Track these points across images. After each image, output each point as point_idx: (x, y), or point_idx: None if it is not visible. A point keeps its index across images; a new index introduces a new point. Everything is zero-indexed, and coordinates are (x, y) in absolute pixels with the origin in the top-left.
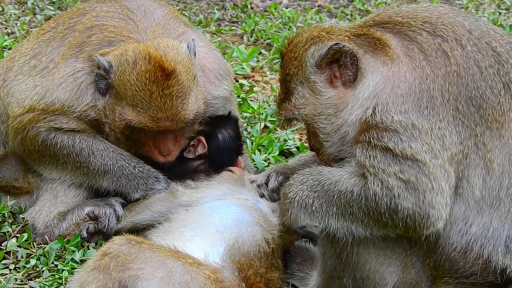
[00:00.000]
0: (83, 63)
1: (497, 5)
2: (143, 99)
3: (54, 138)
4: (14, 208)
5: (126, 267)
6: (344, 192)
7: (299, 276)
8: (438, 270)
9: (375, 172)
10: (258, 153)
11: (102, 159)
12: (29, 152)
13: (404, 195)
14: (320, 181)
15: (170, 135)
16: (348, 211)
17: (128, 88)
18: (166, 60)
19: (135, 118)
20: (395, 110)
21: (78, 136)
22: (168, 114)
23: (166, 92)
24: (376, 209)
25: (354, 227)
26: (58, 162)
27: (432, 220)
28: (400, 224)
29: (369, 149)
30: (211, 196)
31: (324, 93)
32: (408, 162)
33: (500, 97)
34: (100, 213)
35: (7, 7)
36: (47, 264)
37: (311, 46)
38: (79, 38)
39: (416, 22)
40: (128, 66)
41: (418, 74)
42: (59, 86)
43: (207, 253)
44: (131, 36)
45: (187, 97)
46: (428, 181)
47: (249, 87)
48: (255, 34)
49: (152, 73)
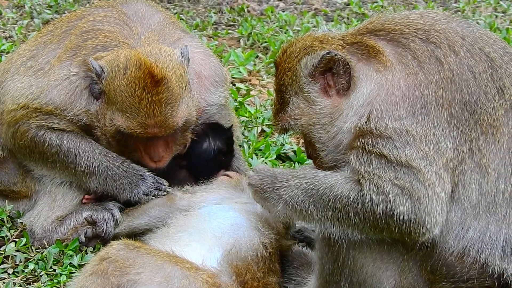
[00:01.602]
0: (78, 67)
1: (493, 8)
2: (132, 105)
3: (43, 135)
4: (13, 212)
5: (124, 271)
6: (340, 197)
7: (296, 281)
8: (435, 274)
9: (371, 178)
10: (255, 157)
11: (88, 160)
12: (19, 146)
13: (400, 201)
14: (315, 186)
15: (161, 141)
16: (344, 216)
17: (118, 94)
18: (157, 66)
19: (124, 123)
20: (389, 117)
21: (66, 136)
22: (156, 120)
23: (155, 99)
24: (372, 214)
25: (350, 231)
26: (47, 161)
27: (428, 227)
28: (396, 230)
29: (364, 155)
30: (209, 201)
31: (318, 103)
32: (403, 168)
33: (495, 102)
34: (98, 218)
35: (4, 11)
36: (46, 269)
37: (304, 56)
38: (75, 42)
39: (409, 29)
40: (119, 72)
41: (412, 80)
42: (54, 88)
43: (204, 258)
44: (126, 42)
45: (176, 104)
46: (423, 187)
47: (246, 91)
48: (251, 38)
49: (142, 80)
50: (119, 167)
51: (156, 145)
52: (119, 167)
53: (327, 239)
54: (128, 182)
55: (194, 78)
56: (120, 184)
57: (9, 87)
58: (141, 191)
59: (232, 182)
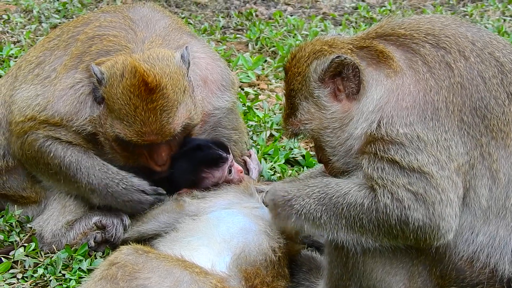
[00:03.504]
0: (82, 73)
1: (501, 12)
2: (128, 113)
3: (49, 146)
4: (22, 217)
5: (133, 276)
6: (354, 205)
7: (305, 285)
8: (444, 279)
9: (384, 184)
10: (264, 162)
11: (88, 177)
12: (26, 157)
13: (415, 207)
14: (327, 194)
15: (164, 146)
16: (358, 223)
17: (115, 102)
18: (152, 73)
19: (122, 131)
20: (400, 123)
21: (70, 149)
22: (152, 128)
23: (150, 106)
24: (386, 221)
25: (364, 239)
26: (51, 172)
27: (442, 231)
28: (411, 236)
29: (376, 161)
30: (218, 206)
31: (328, 107)
32: (416, 174)
33: (505, 107)
34: (108, 223)
35: (13, 16)
36: (55, 273)
37: (313, 60)
38: (81, 48)
39: (419, 34)
40: (115, 79)
41: (422, 86)
42: (60, 99)
43: (213, 262)
44: (128, 46)
45: (173, 111)
46: (437, 193)
47: (255, 95)
48: (260, 42)
49: (136, 88)
50: (118, 184)
51: (160, 150)
52: (119, 184)
53: (336, 244)
54: (128, 199)
55: (200, 83)
56: (121, 201)
57: (17, 96)
58: (142, 206)
59: (240, 187)
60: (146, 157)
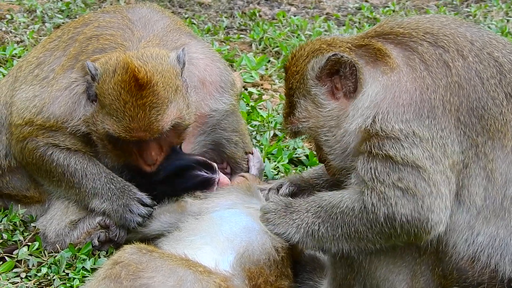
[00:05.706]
0: (77, 73)
1: (505, 12)
2: (118, 109)
3: (51, 155)
4: (25, 216)
5: (137, 275)
6: (346, 211)
7: (309, 285)
8: (447, 278)
9: (373, 186)
10: (268, 162)
11: (93, 182)
12: (27, 162)
13: (401, 203)
14: (322, 207)
15: (154, 144)
16: (352, 229)
17: (106, 97)
18: (143, 70)
19: (111, 127)
20: (395, 120)
21: (74, 158)
22: (140, 124)
23: (139, 103)
24: (377, 220)
25: (363, 244)
26: (53, 179)
27: (432, 223)
28: (400, 230)
29: (370, 161)
30: (221, 205)
31: (325, 105)
32: (408, 168)
33: (502, 107)
34: (111, 222)
35: (16, 15)
36: (58, 273)
37: (311, 59)
38: (78, 49)
39: (417, 33)
40: (108, 75)
41: (419, 84)
42: (55, 101)
43: (217, 262)
44: (124, 44)
45: (163, 108)
46: (427, 186)
47: (258, 95)
48: (263, 42)
49: (127, 83)
50: (119, 197)
51: (149, 148)
52: (119, 197)
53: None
54: (127, 210)
55: (198, 84)
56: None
57: (16, 97)
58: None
59: (243, 187)
60: (136, 156)
